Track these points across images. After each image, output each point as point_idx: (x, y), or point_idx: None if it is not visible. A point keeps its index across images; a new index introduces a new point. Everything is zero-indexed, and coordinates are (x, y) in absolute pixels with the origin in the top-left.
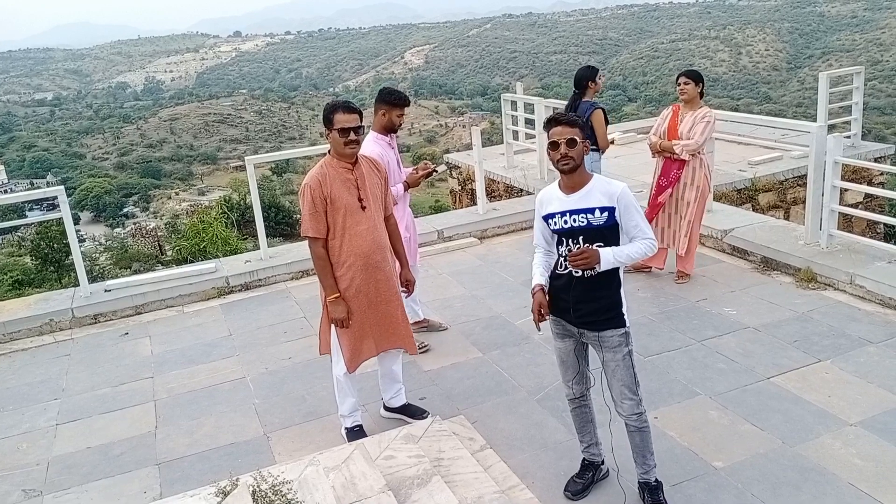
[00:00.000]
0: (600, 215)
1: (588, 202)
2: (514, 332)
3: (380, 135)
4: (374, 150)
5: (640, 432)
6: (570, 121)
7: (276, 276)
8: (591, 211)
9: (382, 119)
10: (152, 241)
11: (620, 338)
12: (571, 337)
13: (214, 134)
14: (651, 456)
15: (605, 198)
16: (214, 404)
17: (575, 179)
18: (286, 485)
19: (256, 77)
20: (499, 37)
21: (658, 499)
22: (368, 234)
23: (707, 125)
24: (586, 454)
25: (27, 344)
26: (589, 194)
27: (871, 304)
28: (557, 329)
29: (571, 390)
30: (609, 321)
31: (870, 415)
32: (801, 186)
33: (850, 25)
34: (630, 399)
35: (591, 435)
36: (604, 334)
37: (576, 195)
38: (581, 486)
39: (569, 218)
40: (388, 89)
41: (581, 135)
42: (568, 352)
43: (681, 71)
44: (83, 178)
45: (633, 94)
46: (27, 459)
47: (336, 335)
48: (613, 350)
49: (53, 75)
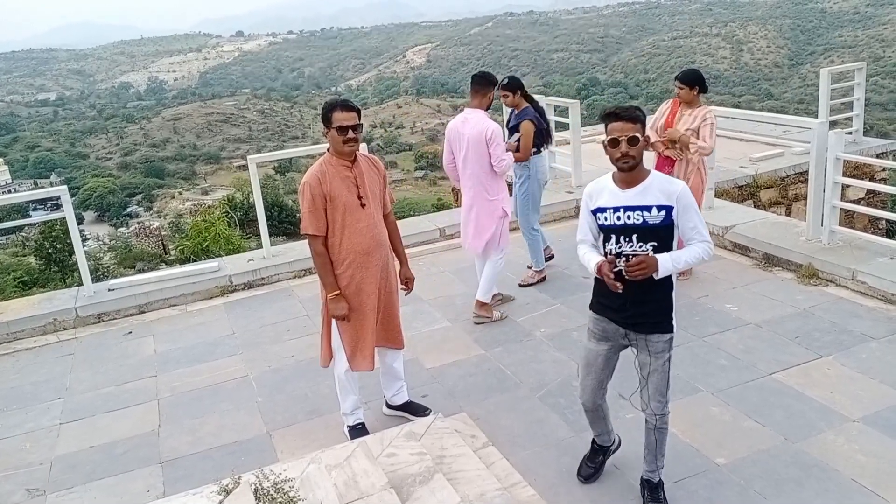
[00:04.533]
0: (657, 213)
1: (645, 199)
2: (516, 329)
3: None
4: (491, 124)
5: (659, 431)
6: (632, 116)
7: (279, 275)
8: (647, 209)
9: (487, 100)
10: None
11: (666, 343)
12: (610, 340)
13: (217, 133)
14: (662, 458)
15: (663, 196)
16: (217, 403)
17: (633, 175)
18: (288, 482)
19: (259, 76)
20: (500, 35)
21: (658, 496)
22: (368, 232)
23: (712, 127)
24: (598, 439)
25: (31, 343)
26: (647, 191)
27: (873, 300)
28: (596, 329)
29: (585, 395)
30: (659, 325)
31: (872, 411)
32: (802, 183)
33: (853, 21)
34: (659, 401)
35: (603, 427)
36: (651, 337)
37: (632, 191)
38: (593, 469)
39: (622, 214)
40: (485, 72)
41: (642, 130)
42: (598, 355)
43: (678, 73)
44: (87, 178)
45: (634, 92)
46: (31, 458)
47: (338, 333)
48: (657, 355)
49: (57, 75)
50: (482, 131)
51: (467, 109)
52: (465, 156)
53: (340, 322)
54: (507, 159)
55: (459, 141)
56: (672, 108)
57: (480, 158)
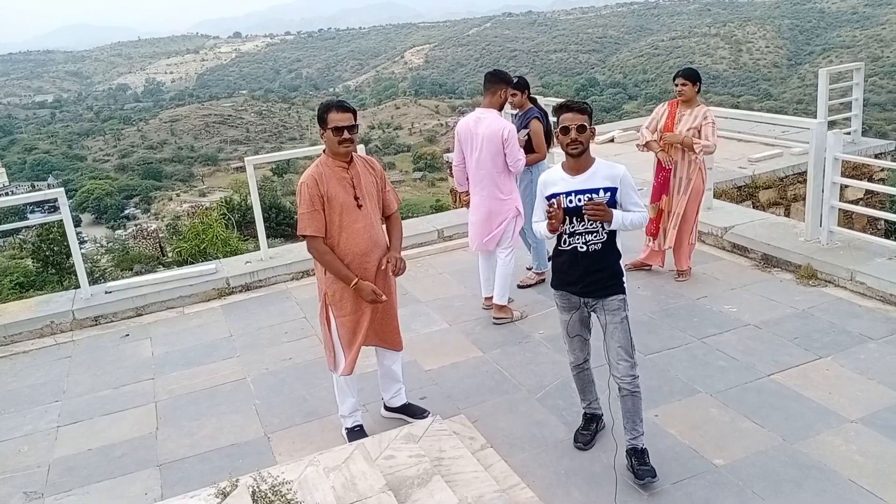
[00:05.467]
0: (604, 195)
1: (593, 183)
2: (514, 331)
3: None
4: (507, 124)
5: (633, 396)
6: (581, 108)
7: (277, 277)
8: (595, 191)
9: (500, 99)
10: (153, 243)
11: (619, 302)
12: (576, 309)
13: (215, 135)
14: (640, 423)
15: (607, 179)
16: (215, 405)
17: (580, 162)
18: (286, 485)
19: (257, 78)
20: (499, 35)
21: (644, 462)
22: (365, 232)
23: (713, 126)
24: (588, 409)
25: (28, 346)
26: (593, 176)
27: (872, 301)
28: (563, 303)
29: (575, 356)
30: (611, 288)
31: (870, 411)
32: (801, 183)
33: (851, 22)
34: (626, 360)
35: (591, 394)
36: (606, 301)
37: (581, 176)
38: (589, 436)
39: (573, 197)
40: (498, 70)
41: (589, 121)
42: (573, 322)
43: (678, 71)
44: (84, 180)
45: (633, 92)
46: (28, 462)
47: (337, 336)
48: (613, 313)
49: (54, 77)
50: (498, 130)
51: (479, 109)
52: (478, 156)
53: (340, 326)
54: (522, 158)
55: (473, 141)
56: (670, 111)
57: (495, 158)
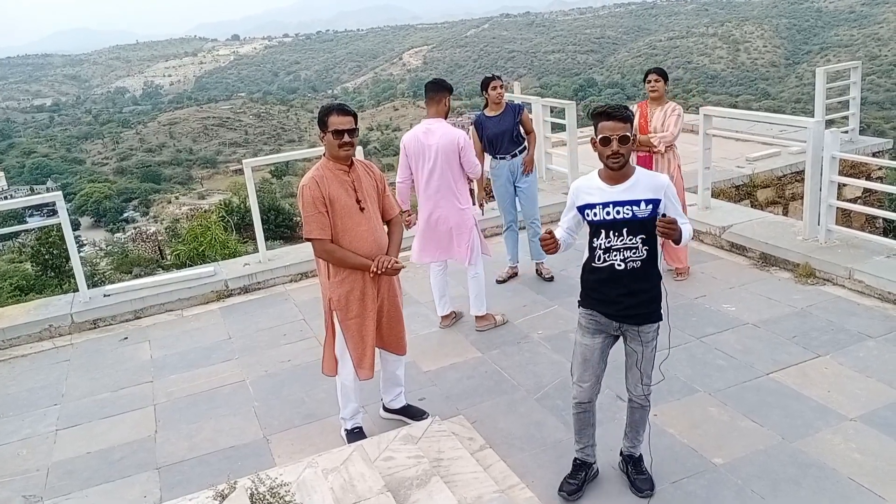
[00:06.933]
0: (646, 207)
1: (634, 194)
2: (513, 331)
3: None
4: (460, 132)
5: (643, 409)
6: (623, 116)
7: (275, 279)
8: (636, 203)
9: (444, 107)
10: (153, 246)
11: (655, 331)
12: (602, 333)
13: (214, 137)
14: (643, 431)
15: (650, 190)
16: (214, 408)
17: (621, 172)
18: (284, 487)
19: (255, 80)
20: (497, 37)
21: (641, 469)
22: (369, 236)
23: (678, 118)
24: (581, 455)
25: (27, 350)
26: (634, 186)
27: (870, 299)
28: (590, 325)
29: (583, 392)
30: (650, 315)
31: (869, 409)
32: (799, 182)
33: (848, 21)
34: (647, 384)
35: (589, 438)
36: (643, 328)
37: (620, 187)
38: (576, 486)
39: (612, 209)
40: (438, 79)
41: (631, 129)
42: (594, 349)
43: (649, 69)
44: (83, 184)
45: (631, 93)
46: (27, 465)
47: (343, 341)
48: (647, 344)
49: (52, 81)
50: (453, 140)
51: (426, 120)
52: (431, 167)
53: (346, 329)
54: (478, 164)
55: (425, 153)
56: (641, 111)
57: (452, 167)
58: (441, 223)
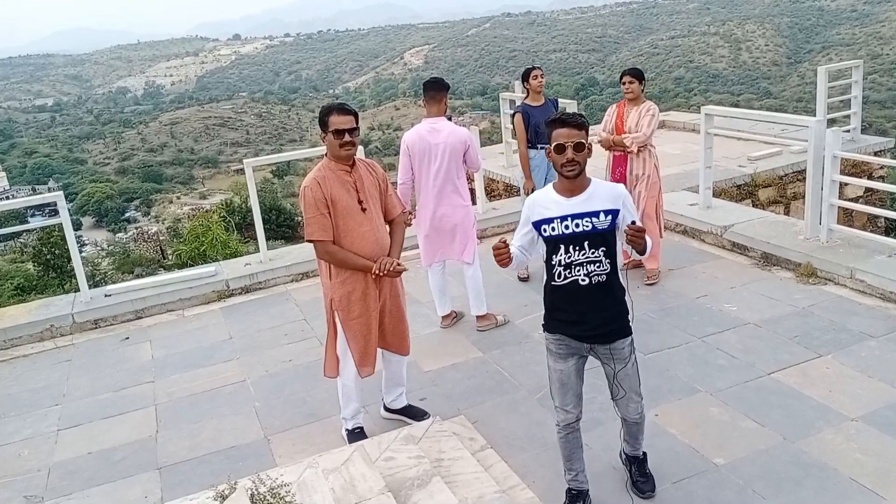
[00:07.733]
0: (605, 218)
1: (592, 205)
2: (514, 331)
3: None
4: (464, 130)
5: (639, 424)
6: (578, 122)
7: (276, 279)
8: (595, 214)
9: (444, 106)
10: (154, 246)
11: (629, 346)
12: (574, 355)
13: (215, 137)
14: (642, 437)
15: (609, 201)
16: (215, 408)
17: (576, 183)
18: (285, 487)
19: (256, 80)
20: (498, 36)
21: (645, 470)
22: (371, 236)
23: (652, 117)
24: (574, 483)
25: (28, 350)
26: (592, 197)
27: (872, 299)
28: (560, 349)
29: (569, 414)
30: (619, 331)
31: (871, 409)
32: (801, 181)
33: (850, 19)
34: (637, 402)
35: (579, 462)
36: (615, 346)
37: (577, 198)
38: None
39: (570, 222)
40: (437, 77)
41: (586, 136)
42: (569, 373)
43: (624, 70)
44: (85, 184)
45: None
46: (29, 465)
47: (345, 341)
48: (624, 361)
49: (54, 81)
50: (462, 139)
51: (429, 119)
52: (438, 166)
53: (348, 330)
54: (480, 160)
55: (430, 152)
56: (619, 112)
57: (458, 166)
58: (445, 220)
